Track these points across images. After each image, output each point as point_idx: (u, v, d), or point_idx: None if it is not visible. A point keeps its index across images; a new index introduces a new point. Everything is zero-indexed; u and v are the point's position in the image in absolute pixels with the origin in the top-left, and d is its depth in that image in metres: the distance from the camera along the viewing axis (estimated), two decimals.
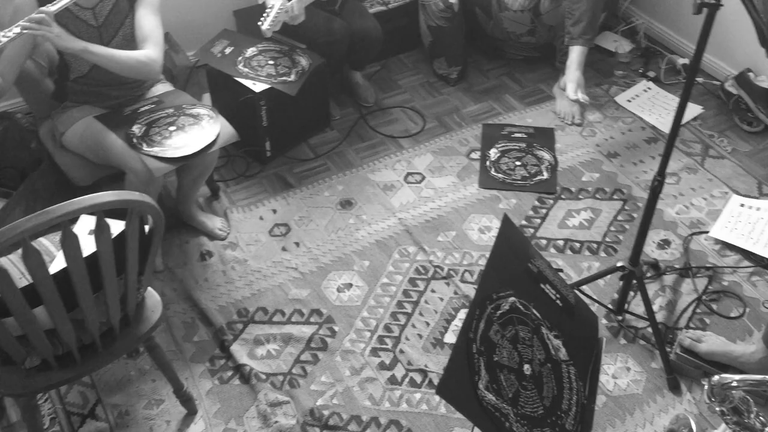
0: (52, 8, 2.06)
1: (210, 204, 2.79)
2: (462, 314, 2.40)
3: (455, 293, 2.46)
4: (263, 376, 2.21)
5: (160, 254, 2.53)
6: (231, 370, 2.24)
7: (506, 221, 1.47)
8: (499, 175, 2.89)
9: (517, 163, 2.93)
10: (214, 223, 2.67)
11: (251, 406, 2.14)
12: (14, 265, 1.86)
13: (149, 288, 1.93)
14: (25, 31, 2.01)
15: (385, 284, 2.49)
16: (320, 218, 2.73)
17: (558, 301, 1.50)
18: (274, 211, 2.76)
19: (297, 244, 2.63)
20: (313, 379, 2.22)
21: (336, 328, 2.35)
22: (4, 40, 1.98)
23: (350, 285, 2.49)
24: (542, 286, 1.48)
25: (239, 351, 2.28)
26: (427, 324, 2.37)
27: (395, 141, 3.08)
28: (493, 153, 2.98)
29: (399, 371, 2.24)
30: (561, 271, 2.52)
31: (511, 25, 3.19)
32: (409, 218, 2.72)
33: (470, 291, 2.46)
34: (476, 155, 2.99)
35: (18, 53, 2.17)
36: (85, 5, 2.23)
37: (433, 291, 2.47)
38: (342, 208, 2.77)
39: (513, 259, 1.45)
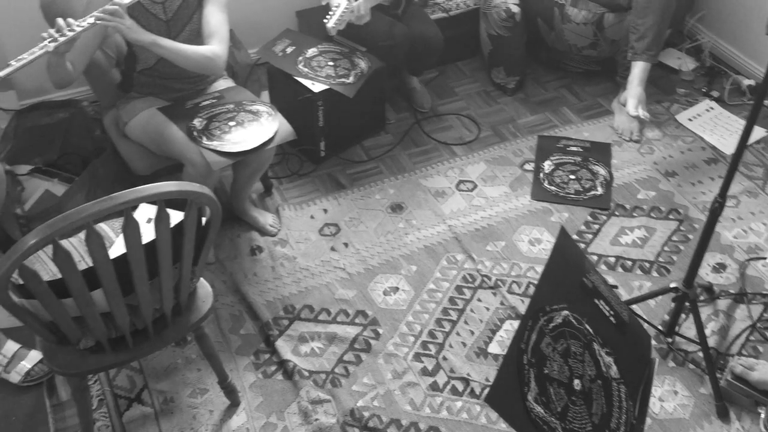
0: (125, 0, 2.11)
1: (263, 200, 2.83)
2: (507, 325, 2.38)
3: (501, 304, 2.44)
4: (306, 373, 2.22)
5: (212, 246, 2.57)
6: (275, 365, 2.26)
7: (563, 234, 1.45)
8: (553, 188, 2.86)
9: (572, 176, 2.90)
10: (266, 219, 2.70)
11: (293, 402, 2.16)
12: (74, 248, 1.91)
13: (201, 278, 1.96)
14: (98, 22, 2.07)
15: (432, 290, 2.49)
16: (370, 220, 2.74)
17: (612, 318, 1.47)
18: (325, 211, 2.78)
19: (346, 244, 2.65)
20: (355, 379, 2.22)
21: (380, 331, 2.36)
22: (78, 29, 2.04)
23: (397, 289, 2.49)
24: (596, 301, 1.46)
25: (284, 347, 2.30)
26: (472, 333, 2.36)
27: (449, 148, 3.07)
28: (548, 165, 2.96)
29: (441, 378, 2.23)
30: (616, 287, 2.48)
31: (573, 37, 3.16)
32: (459, 226, 2.71)
33: (517, 302, 2.44)
34: (530, 166, 2.97)
35: (89, 43, 2.23)
36: None
37: (479, 300, 2.46)
38: (392, 211, 2.78)
39: (568, 272, 1.43)
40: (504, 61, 3.29)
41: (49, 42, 2.01)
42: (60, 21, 2.03)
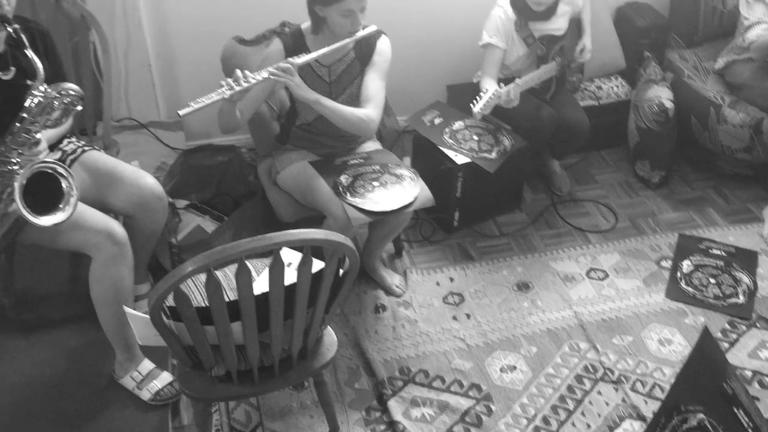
0: (298, 61, 2.29)
1: (392, 261, 2.90)
2: (627, 425, 2.28)
3: (623, 401, 2.34)
4: None
5: None
6: (384, 424, 2.27)
7: (706, 334, 1.40)
8: (690, 289, 2.74)
9: (712, 280, 2.78)
10: (393, 279, 2.76)
11: None
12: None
13: (329, 327, 2.03)
14: (271, 77, 2.25)
15: (550, 375, 2.43)
16: (495, 295, 2.73)
17: (750, 430, 1.39)
18: (452, 280, 2.81)
19: (468, 315, 2.65)
20: None
21: (493, 408, 2.32)
22: (253, 81, 2.22)
23: (514, 367, 2.46)
24: (735, 410, 1.38)
25: (395, 407, 2.31)
26: (588, 426, 2.27)
27: (583, 234, 3.04)
28: (686, 265, 2.85)
29: None
30: (758, 400, 2.32)
31: (727, 139, 3.07)
32: (586, 314, 2.65)
33: (640, 402, 2.34)
34: (667, 264, 2.88)
35: (259, 95, 2.42)
36: (324, 63, 2.45)
37: (599, 393, 2.37)
38: (518, 289, 2.76)
39: (708, 374, 1.37)
40: (650, 154, 3.24)
41: (226, 90, 2.20)
42: (238, 72, 2.22)
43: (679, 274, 2.81)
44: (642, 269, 2.86)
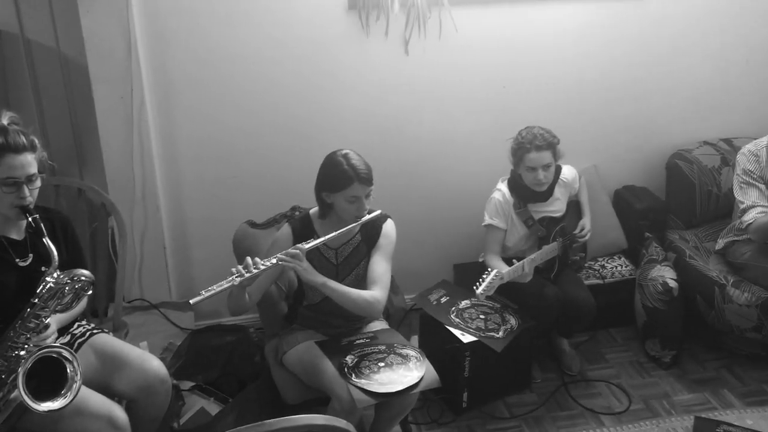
0: (305, 246, 2.37)
1: None
2: None
3: None
4: None
5: None
6: None
7: None
8: None
9: None
10: None
11: None
12: None
13: None
14: (280, 263, 2.32)
15: None
16: None
17: None
18: None
19: None
20: None
21: None
22: (262, 267, 2.29)
23: None
24: None
25: None
26: None
27: (596, 416, 2.95)
28: None
29: None
30: None
31: (735, 318, 3.06)
32: None
33: None
34: None
35: (268, 279, 2.48)
36: (332, 245, 2.53)
37: None
38: None
39: None
40: (659, 333, 3.21)
41: (236, 277, 2.26)
42: (248, 260, 2.29)
43: None
44: None
